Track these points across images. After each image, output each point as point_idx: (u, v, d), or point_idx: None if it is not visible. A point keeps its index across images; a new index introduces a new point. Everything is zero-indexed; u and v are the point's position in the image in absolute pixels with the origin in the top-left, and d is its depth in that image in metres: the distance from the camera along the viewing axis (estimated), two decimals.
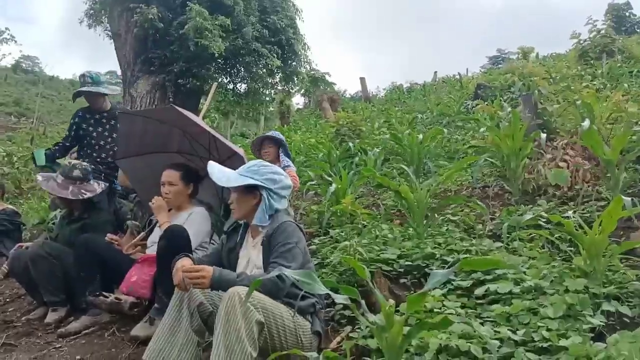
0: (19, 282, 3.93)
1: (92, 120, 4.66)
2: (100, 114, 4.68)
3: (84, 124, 4.65)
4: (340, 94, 23.37)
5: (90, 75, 4.51)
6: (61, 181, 3.83)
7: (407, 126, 7.29)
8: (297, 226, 2.46)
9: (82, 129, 4.64)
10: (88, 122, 4.65)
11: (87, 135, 4.64)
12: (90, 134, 4.64)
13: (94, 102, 4.64)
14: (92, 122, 4.66)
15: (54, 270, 3.57)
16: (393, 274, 3.14)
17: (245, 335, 2.00)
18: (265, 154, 4.49)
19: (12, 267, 3.74)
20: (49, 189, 3.85)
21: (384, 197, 5.03)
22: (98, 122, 4.67)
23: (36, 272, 3.56)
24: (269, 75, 9.87)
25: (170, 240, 3.03)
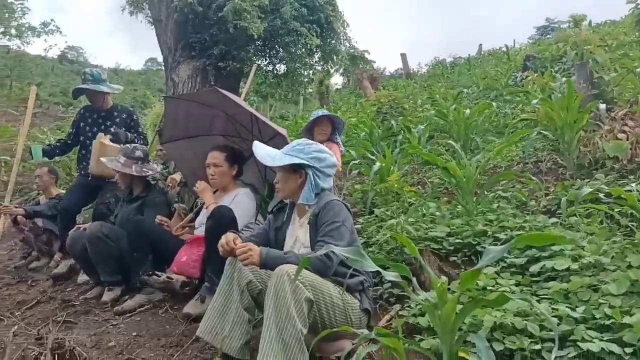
0: (77, 261, 4.07)
1: (90, 119, 4.61)
2: (99, 113, 4.60)
3: (82, 122, 4.61)
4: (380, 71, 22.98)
5: (91, 73, 4.46)
6: (124, 161, 4.00)
7: (452, 102, 7.09)
8: (344, 205, 2.42)
9: (80, 127, 4.62)
10: (86, 121, 4.60)
11: (83, 134, 4.61)
12: (86, 134, 4.59)
13: (94, 100, 4.57)
14: (90, 122, 4.60)
15: (110, 252, 3.67)
16: (442, 252, 3.08)
17: (295, 312, 2.00)
18: (322, 132, 4.45)
19: (70, 247, 3.87)
20: (116, 168, 3.98)
21: (429, 174, 4.93)
22: (95, 122, 4.59)
23: (93, 253, 3.68)
24: (308, 55, 9.71)
25: (218, 221, 3.06)
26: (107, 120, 4.54)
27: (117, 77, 49.34)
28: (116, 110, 4.64)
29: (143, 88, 41.67)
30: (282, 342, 1.97)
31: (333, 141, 4.59)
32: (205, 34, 8.87)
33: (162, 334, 2.96)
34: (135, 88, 43.67)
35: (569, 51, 8.16)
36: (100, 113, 4.57)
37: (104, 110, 4.58)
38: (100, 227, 3.70)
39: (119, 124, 4.57)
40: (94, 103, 4.56)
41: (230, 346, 2.27)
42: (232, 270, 2.34)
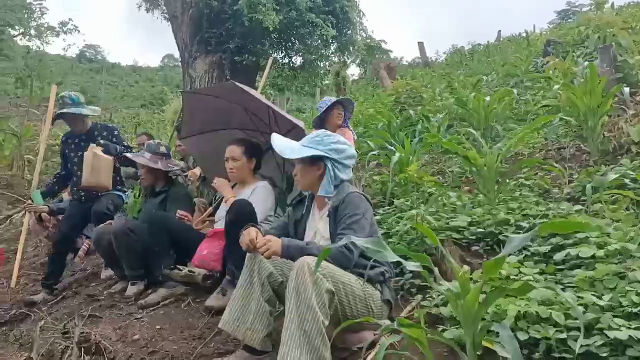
0: (102, 256, 4.14)
1: (72, 145, 4.51)
2: (80, 136, 4.48)
3: (66, 150, 4.54)
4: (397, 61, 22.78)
5: (70, 97, 4.33)
6: (149, 157, 4.14)
7: (471, 89, 6.96)
8: (364, 196, 2.41)
9: (65, 154, 4.55)
10: (69, 147, 4.52)
11: (68, 161, 4.54)
12: (71, 159, 4.50)
13: (74, 124, 4.46)
14: (72, 147, 4.50)
15: (135, 246, 3.72)
16: (464, 242, 3.05)
17: (316, 303, 2.00)
18: (338, 115, 4.44)
19: (96, 242, 3.94)
20: (143, 162, 4.11)
21: (449, 164, 4.87)
22: (77, 146, 4.47)
23: (119, 248, 3.74)
24: (324, 46, 9.70)
25: (237, 214, 3.08)
26: (89, 141, 4.37)
27: (135, 75, 49.81)
28: (96, 129, 4.52)
29: (161, 85, 42.01)
30: (304, 334, 1.97)
31: (346, 127, 4.58)
32: (220, 28, 8.91)
33: (185, 327, 2.99)
34: (153, 85, 44.03)
35: (591, 35, 7.96)
36: (81, 136, 4.47)
37: (84, 133, 4.47)
38: (125, 222, 3.77)
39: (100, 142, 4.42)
40: (74, 127, 4.47)
41: (252, 338, 2.29)
42: (252, 263, 2.35)
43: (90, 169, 4.16)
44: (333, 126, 4.44)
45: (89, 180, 4.19)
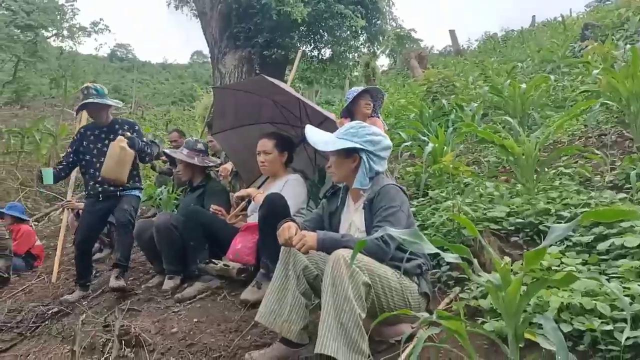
0: (142, 249, 4.22)
1: (92, 136, 4.31)
2: (101, 128, 4.31)
3: (84, 141, 4.31)
4: (428, 50, 22.42)
5: (95, 88, 4.19)
6: (187, 153, 4.24)
7: (506, 77, 6.79)
8: (400, 188, 2.37)
9: (83, 146, 4.31)
10: (88, 139, 4.31)
11: (87, 153, 4.30)
12: (91, 151, 4.28)
13: (97, 115, 4.29)
14: (92, 139, 4.30)
15: (176, 241, 3.75)
16: (502, 233, 2.98)
17: (353, 296, 1.98)
18: (366, 106, 4.40)
19: (138, 236, 4.02)
20: (181, 157, 4.22)
21: (485, 153, 4.77)
22: (98, 138, 4.30)
23: (161, 242, 3.79)
24: (353, 38, 9.61)
25: (269, 208, 3.09)
26: (110, 134, 4.25)
27: (165, 72, 50.54)
28: (117, 123, 4.36)
29: (190, 81, 42.53)
30: (341, 326, 1.96)
31: (376, 117, 4.51)
32: (249, 23, 8.92)
33: (221, 320, 3.02)
34: (182, 82, 44.61)
35: (631, 17, 7.65)
36: (102, 128, 4.31)
37: (105, 126, 4.31)
38: (169, 217, 3.81)
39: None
40: (97, 118, 4.31)
41: (289, 330, 2.29)
42: (287, 256, 2.34)
43: (115, 161, 4.07)
44: (361, 116, 4.37)
45: (110, 173, 4.09)
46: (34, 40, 16.00)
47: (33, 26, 15.59)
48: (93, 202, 4.29)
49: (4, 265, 5.32)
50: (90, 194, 4.32)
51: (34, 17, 15.50)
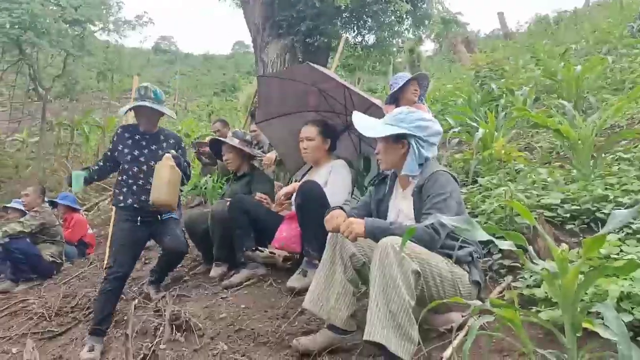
0: (193, 239, 4.25)
1: (130, 140, 3.71)
2: (142, 135, 3.72)
3: (120, 145, 3.70)
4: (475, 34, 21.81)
5: (155, 91, 3.70)
6: (238, 142, 4.29)
7: (559, 60, 6.50)
8: (451, 175, 2.30)
9: (118, 150, 3.69)
10: (125, 143, 3.70)
11: (121, 158, 3.69)
12: (125, 157, 3.67)
13: (148, 122, 3.70)
14: (131, 144, 3.69)
15: (227, 229, 3.77)
16: (557, 220, 2.87)
17: (402, 283, 1.95)
18: (413, 93, 4.32)
19: (189, 227, 4.08)
20: (236, 144, 4.26)
21: (537, 139, 4.58)
22: (137, 144, 3.70)
23: (214, 231, 3.84)
24: (397, 23, 9.43)
25: (305, 196, 3.10)
26: (153, 144, 3.71)
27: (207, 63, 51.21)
28: (162, 134, 3.80)
29: (232, 72, 42.95)
30: (390, 314, 1.93)
31: (422, 104, 4.42)
32: (292, 11, 8.90)
33: (268, 306, 3.04)
34: (224, 72, 45.10)
35: None
36: (145, 135, 3.72)
37: (149, 133, 3.74)
38: (225, 206, 3.79)
39: (165, 149, 3.69)
40: (146, 124, 3.70)
41: (336, 317, 2.29)
42: (334, 243, 2.33)
43: (166, 184, 3.47)
44: (407, 103, 4.29)
45: (162, 198, 3.46)
46: (82, 34, 16.53)
47: (80, 21, 16.09)
48: (130, 227, 3.61)
49: (57, 251, 5.55)
50: (127, 217, 3.65)
51: (82, 11, 15.99)
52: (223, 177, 5.85)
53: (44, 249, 5.41)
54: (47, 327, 3.94)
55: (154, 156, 3.64)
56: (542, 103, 5.45)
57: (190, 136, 10.78)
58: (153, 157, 3.64)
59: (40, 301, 4.45)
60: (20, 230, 5.23)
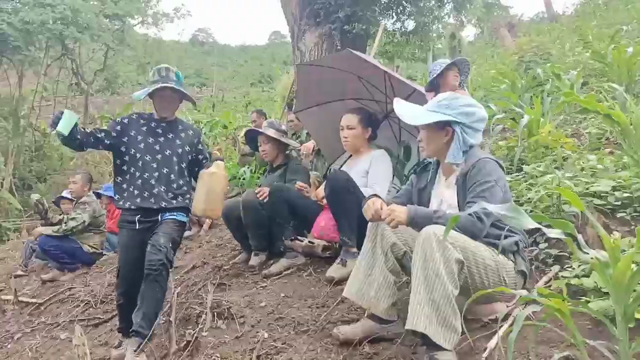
0: (230, 229, 4.32)
1: (144, 127, 3.33)
2: (159, 123, 3.37)
3: (133, 130, 3.29)
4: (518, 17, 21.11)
5: (177, 73, 3.36)
6: (274, 132, 4.21)
7: (609, 42, 6.20)
8: (496, 162, 2.22)
9: (130, 136, 3.27)
10: (139, 130, 3.31)
11: (134, 147, 3.26)
12: (137, 145, 3.27)
13: (168, 107, 3.35)
14: (144, 130, 3.32)
15: (262, 219, 3.80)
16: (607, 208, 2.76)
17: (444, 273, 1.91)
18: (454, 77, 4.24)
19: (226, 216, 4.07)
20: (274, 135, 4.19)
21: (585, 124, 4.40)
22: (152, 132, 3.33)
23: (247, 220, 3.85)
24: (438, 7, 9.21)
25: (333, 185, 3.09)
26: (169, 133, 3.35)
27: (243, 54, 51.55)
28: (180, 123, 3.47)
29: (269, 62, 43.13)
30: (433, 303, 1.90)
31: (463, 90, 4.32)
32: None
33: (308, 296, 3.05)
34: (261, 63, 45.33)
35: None
36: (161, 123, 3.36)
37: (166, 121, 3.38)
38: (254, 195, 3.83)
39: (183, 140, 3.38)
40: (164, 110, 3.35)
41: (377, 306, 2.27)
42: (375, 233, 2.30)
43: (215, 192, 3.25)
44: (449, 89, 4.20)
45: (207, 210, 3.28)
46: (122, 28, 17.01)
47: (120, 15, 16.56)
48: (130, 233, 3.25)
49: (99, 241, 5.74)
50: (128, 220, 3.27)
51: (121, 5, 16.45)
52: (261, 167, 5.90)
53: (86, 239, 5.60)
54: (93, 314, 4.10)
55: (170, 146, 3.32)
56: (591, 87, 5.23)
57: (228, 128, 10.89)
58: (169, 146, 3.32)
59: (86, 289, 4.63)
60: (75, 225, 5.43)
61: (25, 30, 14.02)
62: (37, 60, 17.22)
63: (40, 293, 5.13)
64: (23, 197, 12.93)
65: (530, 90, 5.69)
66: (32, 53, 16.59)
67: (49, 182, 14.38)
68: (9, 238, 10.08)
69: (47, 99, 20.69)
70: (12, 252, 7.75)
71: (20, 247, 7.07)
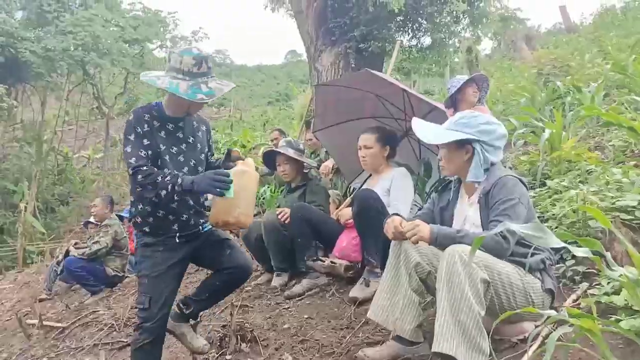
0: (250, 250, 4.27)
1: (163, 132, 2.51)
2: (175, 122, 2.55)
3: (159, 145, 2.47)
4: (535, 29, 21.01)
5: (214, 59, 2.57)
6: (293, 152, 4.16)
7: (629, 52, 6.13)
8: (519, 179, 2.20)
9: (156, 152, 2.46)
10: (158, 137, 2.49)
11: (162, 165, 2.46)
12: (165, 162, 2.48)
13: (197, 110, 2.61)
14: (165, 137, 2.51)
15: (284, 240, 3.78)
16: (635, 223, 2.68)
17: (470, 293, 1.89)
18: (473, 94, 4.21)
19: (245, 237, 4.10)
20: (293, 155, 4.12)
21: (608, 137, 4.33)
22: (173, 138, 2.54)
23: (269, 241, 3.85)
24: (454, 23, 9.23)
25: (361, 204, 3.06)
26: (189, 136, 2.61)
27: (260, 74, 52.12)
28: (193, 119, 2.67)
29: (285, 81, 43.51)
30: (459, 325, 1.88)
31: (482, 106, 4.29)
32: (345, 17, 8.92)
33: (331, 317, 3.04)
34: (278, 82, 45.75)
35: None
36: (178, 122, 2.56)
37: (181, 119, 2.57)
38: (275, 216, 3.80)
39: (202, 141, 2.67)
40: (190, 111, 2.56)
41: (402, 328, 2.25)
42: (398, 252, 2.29)
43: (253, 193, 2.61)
44: (467, 105, 4.18)
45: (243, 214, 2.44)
46: (141, 52, 17.41)
47: (139, 40, 16.96)
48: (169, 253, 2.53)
49: (120, 264, 5.79)
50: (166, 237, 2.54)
51: (140, 31, 16.86)
52: (280, 187, 5.90)
53: (109, 262, 5.66)
54: (116, 337, 4.11)
55: (193, 154, 2.59)
56: (612, 99, 5.15)
57: (246, 147, 10.99)
58: (192, 155, 2.59)
59: (110, 312, 4.65)
60: (99, 248, 5.52)
61: (48, 57, 14.42)
62: (59, 86, 17.68)
63: (64, 317, 5.19)
64: (46, 221, 13.15)
65: (551, 104, 5.63)
66: (54, 79, 17.04)
67: (71, 206, 14.62)
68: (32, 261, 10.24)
69: (69, 123, 21.19)
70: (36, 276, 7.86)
71: (44, 271, 7.18)
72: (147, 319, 2.44)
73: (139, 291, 2.55)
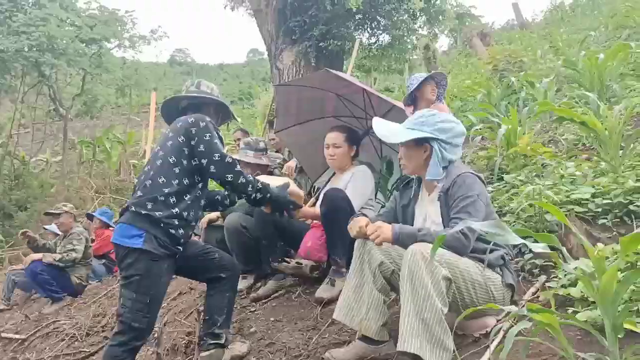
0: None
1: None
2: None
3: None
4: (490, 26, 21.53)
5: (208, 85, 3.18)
6: (253, 154, 4.10)
7: (578, 48, 6.36)
8: (477, 176, 2.25)
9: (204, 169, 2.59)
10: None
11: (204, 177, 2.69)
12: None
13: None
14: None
15: (248, 243, 3.70)
16: (588, 215, 2.79)
17: (433, 291, 1.92)
18: (432, 92, 4.27)
19: (207, 239, 4.04)
20: (250, 161, 4.05)
21: (560, 131, 4.48)
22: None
23: (232, 244, 3.78)
24: (411, 20, 9.36)
25: (330, 204, 3.06)
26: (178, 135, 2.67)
27: (223, 73, 51.45)
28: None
29: (248, 79, 43.09)
30: (423, 323, 1.90)
31: (441, 103, 4.36)
32: (304, 16, 8.90)
33: (298, 318, 3.03)
34: (240, 81, 45.27)
35: None
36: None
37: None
38: (238, 218, 3.70)
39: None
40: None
41: (368, 327, 2.25)
42: (362, 252, 2.30)
43: None
44: (426, 103, 4.25)
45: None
46: (98, 52, 16.92)
47: (96, 39, 16.47)
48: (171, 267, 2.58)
49: (84, 274, 5.66)
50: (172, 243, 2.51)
51: (97, 30, 16.38)
52: None
53: (75, 271, 5.51)
54: (79, 347, 3.99)
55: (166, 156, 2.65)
56: (564, 94, 5.33)
57: None
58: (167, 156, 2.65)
59: (71, 322, 4.51)
60: (76, 256, 5.40)
61: (1, 58, 13.85)
62: (14, 87, 16.98)
63: (23, 328, 5.00)
64: (4, 227, 12.65)
65: (506, 99, 5.79)
66: (8, 81, 16.35)
67: (30, 210, 14.09)
68: None
69: (25, 126, 20.38)
70: None
71: (1, 280, 6.90)
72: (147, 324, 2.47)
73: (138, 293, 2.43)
